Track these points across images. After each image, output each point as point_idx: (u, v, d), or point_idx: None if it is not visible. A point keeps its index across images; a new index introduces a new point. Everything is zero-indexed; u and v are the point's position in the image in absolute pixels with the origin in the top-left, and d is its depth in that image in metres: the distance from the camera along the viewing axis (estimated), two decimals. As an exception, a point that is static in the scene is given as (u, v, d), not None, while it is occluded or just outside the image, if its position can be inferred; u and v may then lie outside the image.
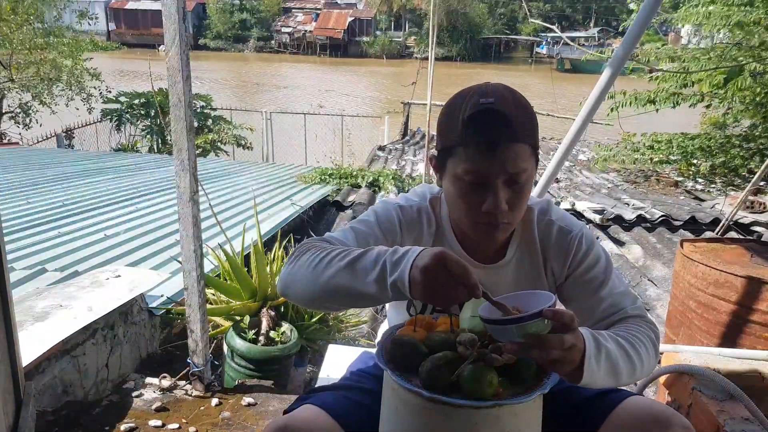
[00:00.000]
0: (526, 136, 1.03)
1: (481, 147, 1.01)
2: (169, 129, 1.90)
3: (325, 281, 0.98)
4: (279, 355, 2.40)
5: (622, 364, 0.99)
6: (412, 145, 12.10)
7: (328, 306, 1.09)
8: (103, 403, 2.05)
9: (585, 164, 9.32)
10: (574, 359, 0.90)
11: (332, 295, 0.99)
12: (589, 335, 0.94)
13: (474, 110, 1.01)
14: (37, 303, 2.21)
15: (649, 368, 1.07)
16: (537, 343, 0.85)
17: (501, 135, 1.01)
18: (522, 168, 1.03)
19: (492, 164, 1.01)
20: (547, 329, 0.87)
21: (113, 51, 19.89)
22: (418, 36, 40.24)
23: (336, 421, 1.05)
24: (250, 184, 5.89)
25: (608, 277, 1.16)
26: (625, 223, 5.16)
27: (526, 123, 1.04)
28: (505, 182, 1.03)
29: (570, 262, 1.16)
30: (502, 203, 1.03)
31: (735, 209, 3.94)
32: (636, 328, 1.08)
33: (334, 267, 0.97)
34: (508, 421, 0.88)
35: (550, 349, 0.86)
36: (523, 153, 1.03)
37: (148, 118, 10.63)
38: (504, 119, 1.01)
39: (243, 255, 2.73)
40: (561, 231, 1.17)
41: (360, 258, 0.96)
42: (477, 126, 1.01)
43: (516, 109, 1.03)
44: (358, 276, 0.94)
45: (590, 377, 0.93)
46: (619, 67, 2.50)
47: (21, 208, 4.27)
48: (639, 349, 1.03)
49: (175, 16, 1.77)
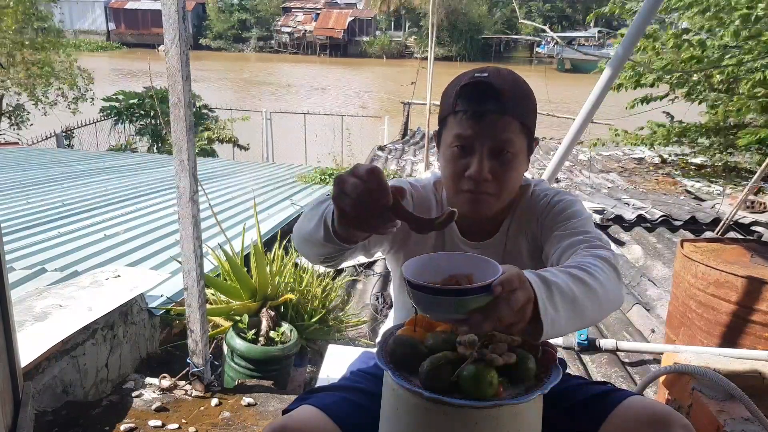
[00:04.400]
0: (516, 112, 1.05)
1: (468, 114, 1.05)
2: (169, 129, 1.90)
3: (305, 239, 1.00)
4: (279, 355, 2.40)
5: (579, 295, 0.87)
6: (412, 145, 12.09)
7: (322, 263, 1.06)
8: (102, 403, 2.05)
9: (585, 164, 9.32)
10: (526, 314, 0.79)
11: (308, 242, 0.99)
12: (535, 278, 0.82)
13: (467, 81, 1.05)
14: (36, 303, 2.21)
15: (615, 293, 0.96)
16: (484, 318, 0.75)
17: (489, 105, 1.04)
18: (507, 139, 1.05)
19: (477, 131, 1.04)
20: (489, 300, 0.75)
21: (113, 51, 19.91)
22: (418, 36, 40.26)
23: (335, 421, 1.05)
24: (250, 184, 5.89)
25: (578, 217, 1.11)
26: (625, 223, 5.16)
27: (519, 100, 1.06)
28: (490, 151, 1.05)
29: (545, 212, 1.16)
30: (485, 170, 1.05)
31: (735, 209, 3.95)
32: (587, 252, 1.00)
33: (308, 216, 0.99)
34: (508, 421, 0.88)
35: (501, 319, 0.75)
36: (511, 126, 1.05)
37: (147, 118, 10.62)
38: (494, 91, 1.04)
39: (243, 255, 2.73)
40: (543, 197, 1.18)
41: (322, 202, 0.97)
42: (467, 95, 1.05)
43: (509, 84, 1.05)
44: (314, 221, 0.95)
45: (551, 325, 0.82)
46: (619, 67, 2.50)
47: (21, 208, 4.27)
48: (595, 274, 0.92)
49: (175, 16, 1.77)
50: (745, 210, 5.24)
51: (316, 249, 0.99)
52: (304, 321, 2.67)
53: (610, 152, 10.44)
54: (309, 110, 13.07)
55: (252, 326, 2.48)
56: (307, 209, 1.02)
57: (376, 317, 3.22)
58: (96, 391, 2.18)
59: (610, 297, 0.94)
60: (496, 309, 0.75)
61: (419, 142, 12.19)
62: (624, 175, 8.25)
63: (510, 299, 0.75)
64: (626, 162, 9.48)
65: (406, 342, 0.96)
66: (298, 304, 2.69)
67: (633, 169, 8.78)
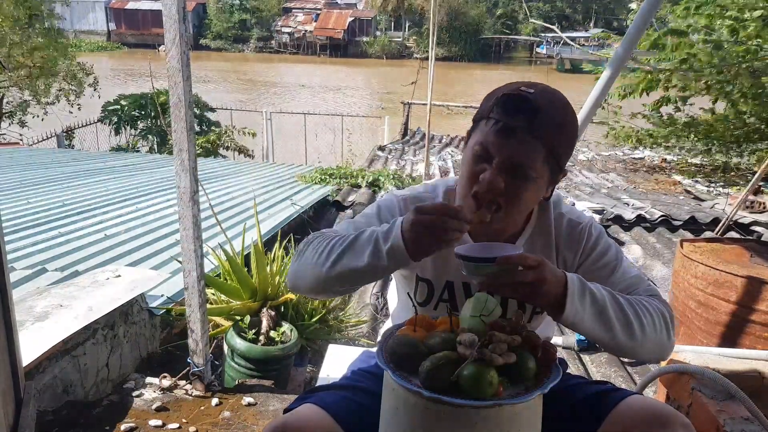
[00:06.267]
0: (545, 138, 1.03)
1: (498, 125, 1.04)
2: (169, 129, 1.91)
3: (329, 267, 1.06)
4: (279, 355, 2.40)
5: (612, 314, 1.02)
6: (412, 145, 12.09)
7: (336, 290, 1.13)
8: (103, 402, 2.05)
9: (585, 164, 9.32)
10: (550, 290, 0.97)
11: (338, 279, 1.06)
12: (575, 277, 1.01)
13: (510, 92, 1.04)
14: (37, 303, 2.21)
15: (656, 339, 1.07)
16: (495, 281, 0.96)
17: (520, 122, 1.02)
18: (527, 162, 1.03)
19: (500, 144, 1.03)
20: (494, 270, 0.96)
21: (113, 51, 19.90)
22: (418, 36, 40.25)
23: (336, 420, 1.06)
24: (250, 184, 5.89)
25: (620, 263, 1.18)
26: (625, 223, 5.16)
27: (554, 127, 1.04)
28: (506, 168, 1.04)
29: (582, 250, 1.18)
30: (499, 180, 1.04)
31: (735, 209, 3.95)
32: (647, 299, 1.11)
33: (335, 252, 1.05)
34: (508, 421, 0.88)
35: (509, 284, 0.96)
36: (536, 152, 1.03)
37: (147, 119, 10.62)
38: (531, 110, 1.02)
39: (243, 255, 2.73)
40: (571, 222, 1.19)
41: (356, 239, 1.05)
42: (504, 105, 1.04)
43: (550, 108, 1.03)
44: (356, 254, 1.03)
45: (573, 312, 0.99)
46: (619, 67, 2.51)
47: (21, 208, 4.27)
48: (640, 313, 1.05)
49: (176, 16, 1.77)
50: (745, 210, 5.24)
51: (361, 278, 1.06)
52: (304, 321, 2.67)
53: (610, 152, 10.44)
54: (309, 110, 13.07)
55: (252, 326, 2.49)
56: (322, 250, 1.08)
57: (376, 317, 3.22)
58: (96, 391, 2.18)
59: (649, 338, 1.06)
60: (499, 276, 0.95)
61: (419, 142, 12.19)
62: (624, 175, 8.25)
63: (514, 272, 0.95)
64: (626, 162, 9.49)
65: (406, 342, 0.96)
66: (298, 304, 2.69)
67: (633, 169, 8.78)
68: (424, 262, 1.18)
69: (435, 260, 1.19)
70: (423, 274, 1.21)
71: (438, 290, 1.21)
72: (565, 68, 34.45)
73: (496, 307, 1.00)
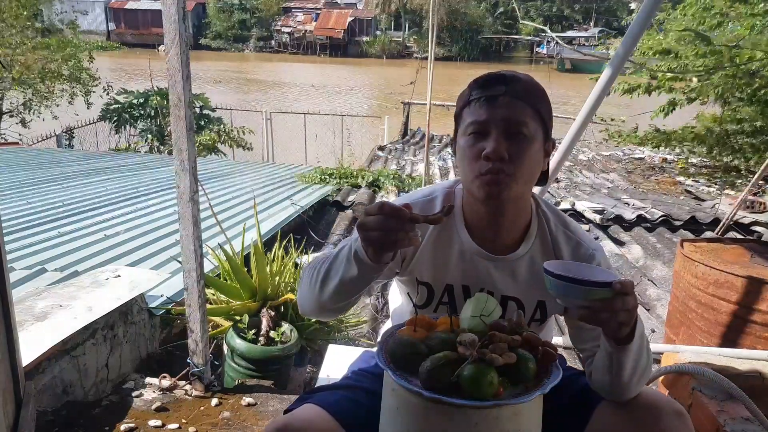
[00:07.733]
0: (528, 99, 1.07)
1: (482, 100, 1.07)
2: (169, 129, 1.91)
3: (320, 288, 1.08)
4: (279, 355, 2.40)
5: (644, 350, 1.04)
6: (412, 145, 12.09)
7: (335, 308, 1.13)
8: (103, 403, 2.05)
9: (585, 164, 9.32)
10: (633, 317, 0.96)
11: (330, 298, 1.07)
12: None
13: (484, 77, 1.10)
14: (37, 303, 2.21)
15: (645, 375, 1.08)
16: (604, 307, 0.92)
17: (500, 90, 1.06)
18: (521, 119, 1.06)
19: (491, 113, 1.06)
20: (609, 294, 0.92)
21: (113, 51, 19.87)
22: (418, 36, 40.25)
23: (336, 420, 1.06)
24: (250, 184, 5.89)
25: None
26: (625, 223, 5.16)
27: (531, 89, 1.09)
28: (505, 132, 1.06)
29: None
30: (502, 149, 1.05)
31: (735, 209, 3.94)
32: None
33: (322, 272, 1.07)
34: (508, 421, 0.88)
35: (618, 311, 0.92)
36: (524, 110, 1.07)
37: (147, 119, 10.61)
38: (508, 79, 1.08)
39: (243, 255, 2.73)
40: (579, 245, 1.19)
41: (337, 254, 1.06)
42: (480, 84, 1.09)
43: (525, 78, 1.09)
44: (336, 269, 1.04)
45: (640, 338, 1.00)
46: (619, 67, 2.50)
47: (21, 208, 4.26)
48: (647, 354, 1.07)
49: (175, 16, 1.77)
50: (745, 210, 5.24)
51: (346, 291, 1.05)
52: (304, 321, 2.67)
53: (610, 152, 10.44)
54: (309, 110, 13.07)
55: (252, 326, 2.48)
56: (312, 274, 1.10)
57: (376, 317, 3.22)
58: (96, 391, 2.18)
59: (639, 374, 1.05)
60: (614, 302, 0.91)
61: (419, 142, 12.19)
62: (624, 175, 8.25)
63: (625, 299, 0.92)
64: (626, 162, 9.49)
65: (406, 342, 0.96)
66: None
67: (633, 169, 8.78)
68: (423, 266, 1.18)
69: (434, 264, 1.18)
70: (422, 278, 1.20)
71: (438, 293, 1.21)
72: (566, 68, 34.45)
73: (496, 307, 1.00)
